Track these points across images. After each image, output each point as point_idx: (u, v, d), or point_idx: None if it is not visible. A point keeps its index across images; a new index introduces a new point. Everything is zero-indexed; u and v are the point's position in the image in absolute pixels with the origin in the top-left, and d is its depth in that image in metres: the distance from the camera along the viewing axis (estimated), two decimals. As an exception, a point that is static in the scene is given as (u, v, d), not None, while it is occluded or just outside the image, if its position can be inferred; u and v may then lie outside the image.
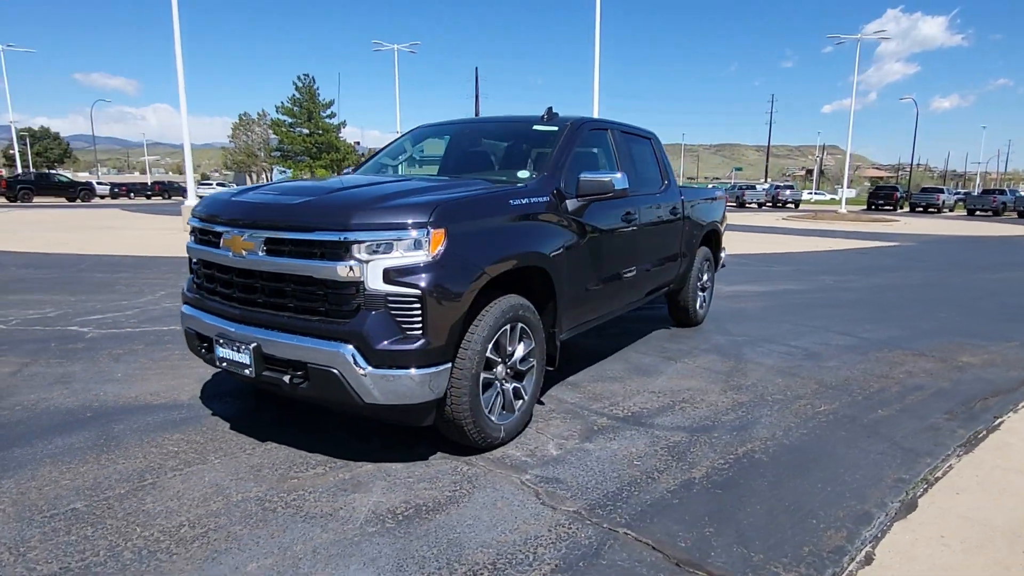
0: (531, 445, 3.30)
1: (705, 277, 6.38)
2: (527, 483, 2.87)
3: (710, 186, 9.47)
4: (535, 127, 4.16)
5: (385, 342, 2.68)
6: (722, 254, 6.88)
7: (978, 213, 38.81)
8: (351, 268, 2.67)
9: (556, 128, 4.03)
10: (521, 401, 3.37)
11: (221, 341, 3.02)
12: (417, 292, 2.68)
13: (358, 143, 57.48)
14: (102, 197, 45.13)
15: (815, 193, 68.25)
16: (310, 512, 2.56)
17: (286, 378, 2.84)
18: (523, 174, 3.76)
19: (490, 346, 3.03)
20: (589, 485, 2.86)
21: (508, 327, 3.16)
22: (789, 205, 46.38)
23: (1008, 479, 3.06)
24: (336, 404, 2.89)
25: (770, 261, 12.57)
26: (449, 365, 2.82)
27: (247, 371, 2.92)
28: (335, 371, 2.71)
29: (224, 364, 3.03)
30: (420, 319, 2.70)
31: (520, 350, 3.32)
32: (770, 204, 47.21)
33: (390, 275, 2.67)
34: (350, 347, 2.69)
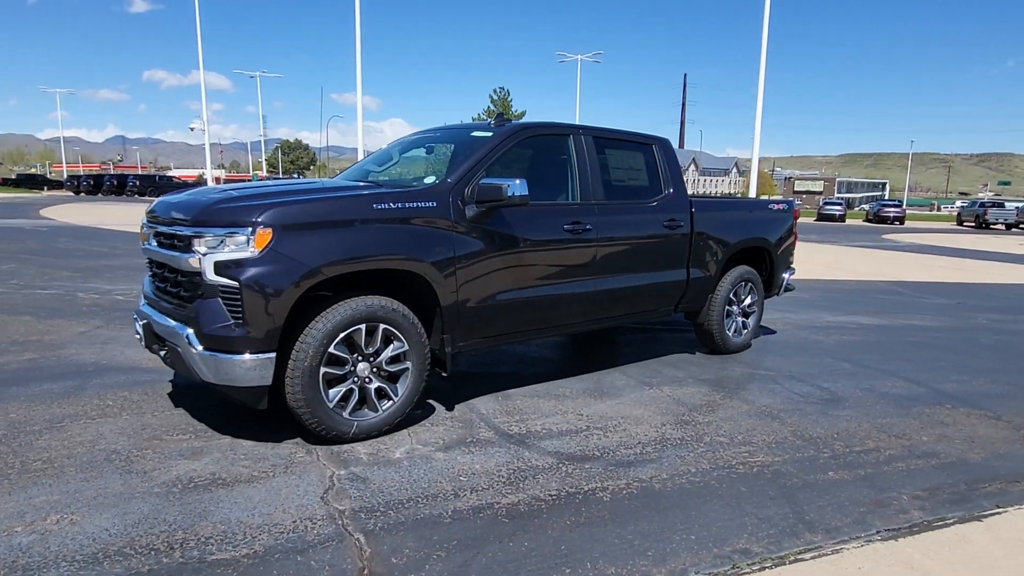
0: (385, 445, 3.35)
1: (748, 300, 5.67)
2: (333, 479, 2.95)
3: (774, 197, 8.29)
4: (473, 133, 4.15)
5: (212, 327, 2.98)
6: (785, 275, 6.04)
7: None
8: (195, 260, 3.02)
9: (490, 134, 3.99)
10: (390, 402, 3.44)
11: (136, 316, 3.58)
12: (237, 284, 2.93)
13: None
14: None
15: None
16: (133, 468, 2.96)
17: (162, 353, 3.29)
18: (429, 180, 3.80)
19: (334, 343, 3.17)
20: (388, 490, 2.86)
21: (364, 327, 3.26)
22: (1052, 227, 37.47)
23: (896, 580, 2.37)
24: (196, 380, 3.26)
25: (933, 291, 10.49)
26: (273, 355, 3.02)
27: (142, 343, 3.43)
28: (179, 349, 3.09)
29: (137, 336, 3.59)
30: (241, 309, 2.95)
31: (388, 352, 3.39)
32: (1024, 226, 38.62)
33: (220, 268, 2.97)
34: (189, 329, 3.05)
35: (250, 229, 2.97)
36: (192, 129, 27.54)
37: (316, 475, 2.98)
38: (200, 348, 3.00)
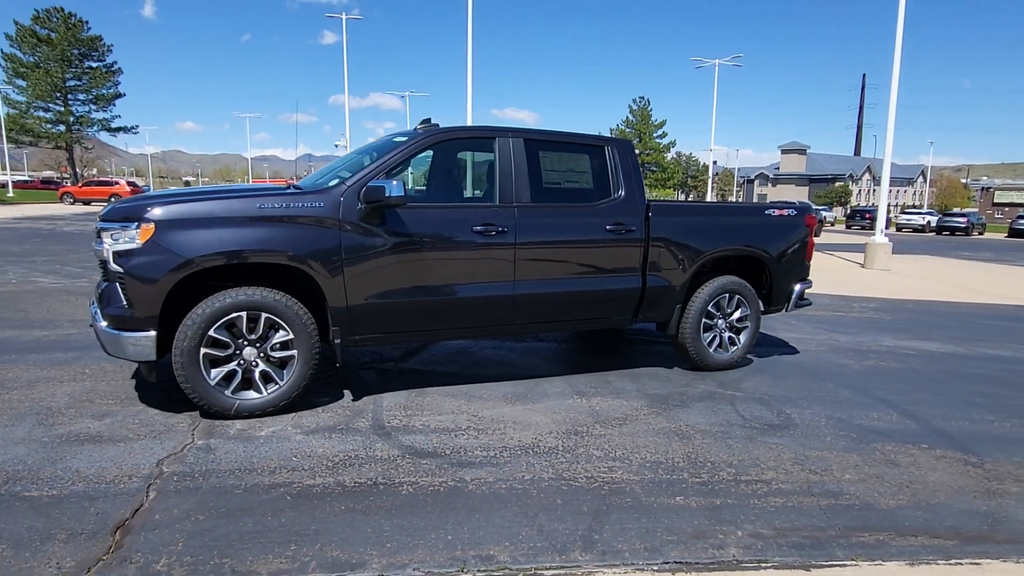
0: (260, 424, 3.64)
1: (737, 314, 5.21)
2: (187, 447, 3.29)
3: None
4: (394, 139, 4.33)
5: (110, 307, 3.49)
6: (797, 288, 5.45)
7: None
8: (104, 250, 3.56)
9: (406, 138, 4.15)
10: (275, 386, 3.74)
11: (90, 302, 4.24)
12: (122, 270, 3.41)
13: (715, 162, 57.32)
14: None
15: None
16: (47, 421, 3.54)
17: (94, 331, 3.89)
18: (334, 182, 4.04)
19: (215, 327, 3.53)
20: (219, 461, 3.14)
21: (245, 314, 3.59)
22: None
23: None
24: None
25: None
26: (153, 334, 3.45)
27: (88, 323, 4.08)
28: (94, 326, 3.65)
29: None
30: (126, 292, 3.42)
31: (275, 339, 3.70)
32: None
33: (116, 256, 3.47)
34: (98, 309, 3.59)
35: (136, 224, 3.44)
36: (337, 146, 30.79)
37: (175, 442, 3.35)
38: (103, 325, 3.53)
